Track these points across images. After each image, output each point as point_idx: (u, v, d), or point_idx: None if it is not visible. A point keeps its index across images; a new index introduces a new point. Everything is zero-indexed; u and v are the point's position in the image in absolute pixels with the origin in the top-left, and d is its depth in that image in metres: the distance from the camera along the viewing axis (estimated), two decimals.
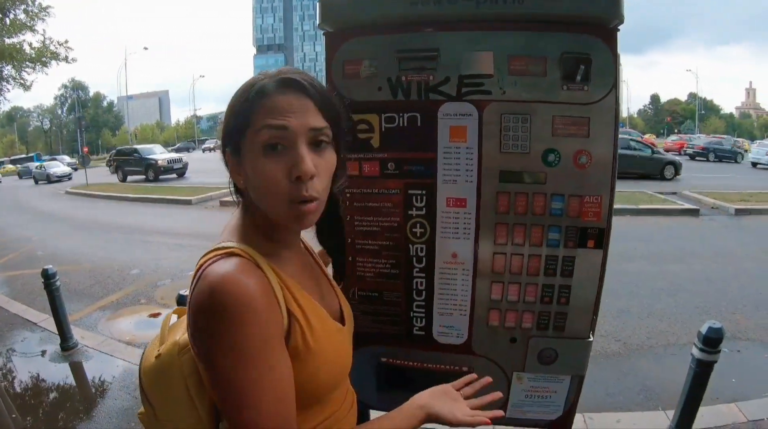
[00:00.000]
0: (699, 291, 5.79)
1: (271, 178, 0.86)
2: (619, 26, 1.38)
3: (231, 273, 0.82)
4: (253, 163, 0.88)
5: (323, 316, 0.97)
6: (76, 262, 7.62)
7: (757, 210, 11.02)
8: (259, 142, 0.86)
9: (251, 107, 0.88)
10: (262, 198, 0.90)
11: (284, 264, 0.95)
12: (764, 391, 3.52)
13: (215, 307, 0.79)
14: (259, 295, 0.82)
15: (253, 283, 0.82)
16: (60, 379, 3.97)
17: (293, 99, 0.88)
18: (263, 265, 0.88)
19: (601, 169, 1.45)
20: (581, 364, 1.63)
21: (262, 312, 0.81)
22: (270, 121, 0.86)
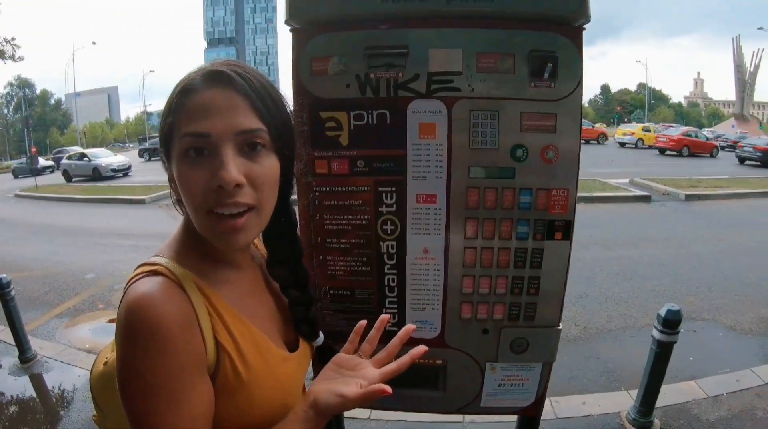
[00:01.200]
0: (653, 275, 6.02)
1: (191, 187, 0.78)
2: (585, 25, 1.42)
3: (148, 295, 0.74)
4: (177, 170, 0.79)
5: (263, 345, 0.87)
6: (29, 269, 7.32)
7: (706, 195, 11.54)
8: (182, 149, 0.78)
9: (176, 109, 0.79)
10: (188, 209, 0.82)
11: (222, 286, 0.86)
12: (720, 367, 3.70)
13: (127, 330, 0.73)
14: (174, 322, 0.73)
15: (170, 308, 0.74)
16: (21, 393, 3.79)
17: (219, 97, 0.78)
18: (189, 288, 0.79)
19: (567, 163, 1.49)
20: (551, 352, 1.68)
21: (175, 341, 0.73)
22: (190, 127, 0.77)
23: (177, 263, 0.82)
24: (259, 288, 0.98)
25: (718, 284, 5.64)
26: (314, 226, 1.56)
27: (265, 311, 0.96)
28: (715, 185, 12.81)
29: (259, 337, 0.87)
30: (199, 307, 0.78)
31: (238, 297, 0.88)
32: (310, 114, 1.48)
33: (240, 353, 0.81)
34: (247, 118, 0.79)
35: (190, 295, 0.78)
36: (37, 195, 16.70)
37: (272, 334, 0.92)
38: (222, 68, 0.81)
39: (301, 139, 1.50)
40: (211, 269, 0.86)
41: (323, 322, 1.66)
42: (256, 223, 0.82)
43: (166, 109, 0.81)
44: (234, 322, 0.83)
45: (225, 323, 0.81)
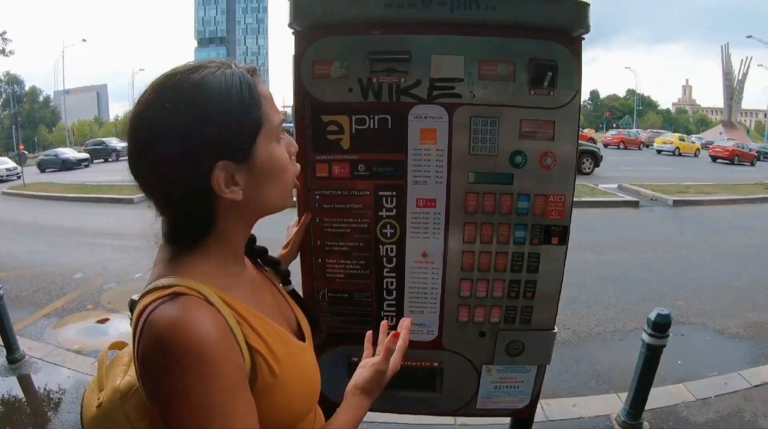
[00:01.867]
0: (642, 279, 6.07)
1: (285, 160, 0.87)
2: (584, 35, 1.45)
3: (180, 318, 0.71)
4: (271, 154, 0.83)
5: (285, 338, 0.89)
6: (17, 268, 7.22)
7: (694, 201, 11.67)
8: (276, 135, 0.85)
9: (258, 100, 0.81)
10: (272, 187, 0.85)
11: (236, 290, 0.85)
12: (709, 371, 3.74)
13: (171, 360, 0.70)
14: (216, 340, 0.72)
15: (207, 325, 0.72)
16: (9, 394, 3.73)
17: (265, 88, 0.85)
18: (214, 299, 0.77)
19: (565, 170, 1.52)
20: (546, 354, 1.71)
21: (222, 360, 0.72)
22: (279, 115, 0.85)
23: (191, 279, 0.79)
24: (260, 282, 1.00)
25: (706, 288, 5.71)
26: (314, 229, 1.57)
27: (272, 304, 0.97)
28: (703, 191, 12.96)
29: (280, 332, 0.88)
30: (229, 318, 0.77)
31: (251, 296, 0.89)
32: (312, 117, 1.49)
33: (272, 352, 0.82)
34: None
35: (218, 307, 0.77)
36: (26, 193, 16.51)
37: (284, 326, 0.93)
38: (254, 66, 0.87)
39: (302, 141, 1.51)
40: (222, 275, 0.85)
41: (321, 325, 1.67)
42: None
43: (250, 105, 0.80)
44: (258, 322, 0.83)
45: (252, 326, 0.81)
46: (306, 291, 1.64)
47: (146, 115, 0.77)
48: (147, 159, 0.79)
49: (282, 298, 1.06)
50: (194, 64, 0.81)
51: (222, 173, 0.78)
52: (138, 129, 0.79)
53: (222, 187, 0.79)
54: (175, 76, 0.79)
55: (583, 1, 1.44)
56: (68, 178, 20.38)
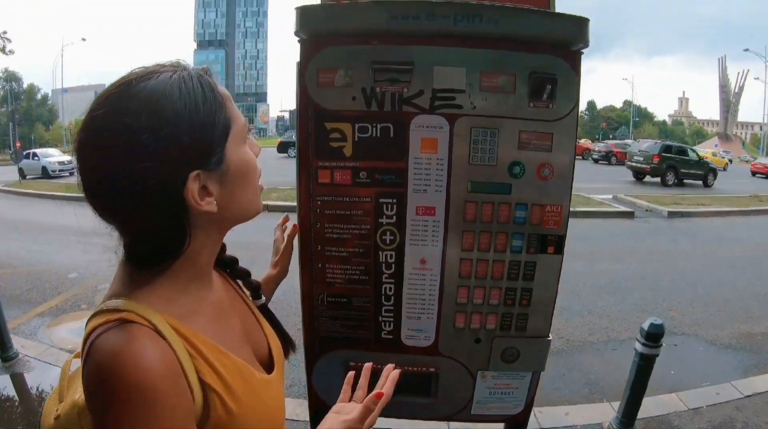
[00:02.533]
0: (636, 289, 6.12)
1: (254, 161, 0.82)
2: (583, 50, 1.49)
3: (122, 350, 0.65)
4: (240, 158, 0.79)
5: (247, 373, 0.81)
6: (11, 266, 7.20)
7: (689, 212, 11.75)
8: (243, 136, 0.80)
9: (220, 106, 0.76)
10: (247, 193, 0.82)
11: (195, 318, 0.79)
12: (701, 381, 3.78)
13: (108, 394, 0.65)
14: (161, 378, 0.66)
15: (152, 361, 0.66)
16: (1, 393, 3.73)
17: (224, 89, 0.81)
18: (166, 332, 0.70)
19: (562, 180, 1.55)
20: (541, 361, 1.74)
21: (164, 400, 0.66)
22: (240, 115, 0.80)
23: (143, 304, 0.72)
24: (226, 308, 0.90)
25: (699, 299, 5.75)
26: (315, 234, 1.59)
27: (237, 334, 0.88)
28: (698, 203, 13.05)
29: (242, 366, 0.80)
30: (180, 352, 0.70)
31: (212, 325, 0.82)
32: (315, 124, 1.52)
33: (228, 389, 0.75)
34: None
35: (170, 340, 0.70)
36: (21, 191, 16.47)
37: (249, 357, 0.86)
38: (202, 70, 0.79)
39: (305, 148, 1.54)
40: (185, 302, 0.79)
41: (319, 329, 1.70)
42: None
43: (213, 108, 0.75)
44: (215, 356, 0.76)
45: (208, 361, 0.74)
46: (305, 295, 1.66)
47: (102, 133, 0.69)
48: (106, 180, 0.71)
49: (252, 318, 0.99)
50: (146, 69, 0.74)
51: (195, 185, 0.72)
52: (93, 148, 0.71)
53: (197, 200, 0.73)
54: (129, 84, 0.71)
55: (582, 17, 1.48)
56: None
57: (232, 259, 1.04)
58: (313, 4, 1.55)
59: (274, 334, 1.01)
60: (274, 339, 1.00)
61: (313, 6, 1.54)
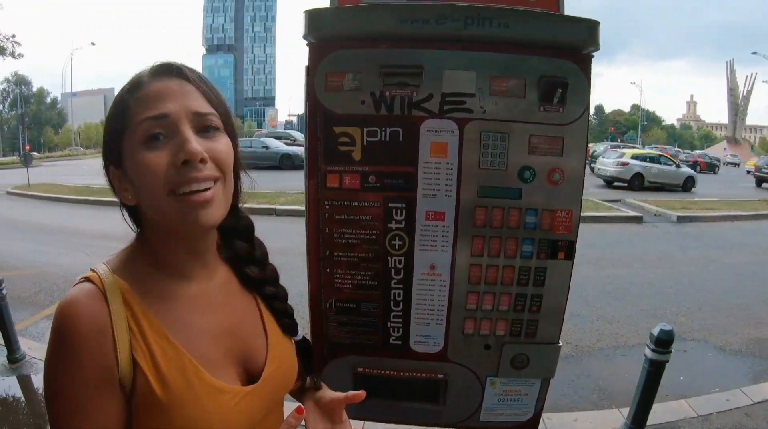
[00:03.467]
0: (644, 294, 6.07)
1: (153, 168, 0.76)
2: (593, 53, 1.47)
3: (67, 302, 0.75)
4: (135, 159, 0.78)
5: (191, 370, 0.79)
6: (18, 268, 7.24)
7: (698, 217, 11.67)
8: (139, 137, 0.77)
9: (127, 104, 0.79)
10: (147, 198, 0.80)
11: (161, 302, 0.82)
12: (710, 387, 3.74)
13: (50, 334, 0.75)
14: (83, 332, 0.73)
15: (82, 318, 0.74)
16: (8, 394, 3.74)
17: (172, 84, 0.80)
18: (113, 298, 0.77)
19: (572, 185, 1.53)
20: (551, 368, 1.72)
21: (80, 350, 0.73)
22: (147, 113, 0.77)
23: (114, 273, 0.81)
24: (213, 305, 0.89)
25: (709, 304, 5.70)
26: (323, 239, 1.58)
27: (213, 333, 0.87)
28: (707, 207, 12.96)
29: (187, 362, 0.80)
30: (117, 320, 0.76)
31: (180, 315, 0.83)
32: (324, 128, 1.51)
33: (158, 373, 0.77)
34: (199, 102, 0.81)
35: (111, 305, 0.76)
36: (29, 193, 16.55)
37: (216, 360, 0.85)
38: (171, 62, 0.84)
39: (314, 152, 1.53)
40: (155, 282, 0.83)
41: (327, 335, 1.69)
42: (222, 195, 0.82)
43: (114, 109, 0.82)
44: (158, 340, 0.78)
45: (146, 340, 0.78)
46: (313, 300, 1.65)
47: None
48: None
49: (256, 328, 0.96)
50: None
51: (114, 176, 0.84)
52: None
53: (116, 189, 0.84)
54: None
55: (593, 20, 1.47)
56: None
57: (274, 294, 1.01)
58: (321, 7, 1.55)
59: (279, 357, 0.95)
60: (276, 360, 0.94)
61: (321, 9, 1.53)
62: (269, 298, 1.01)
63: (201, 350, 0.82)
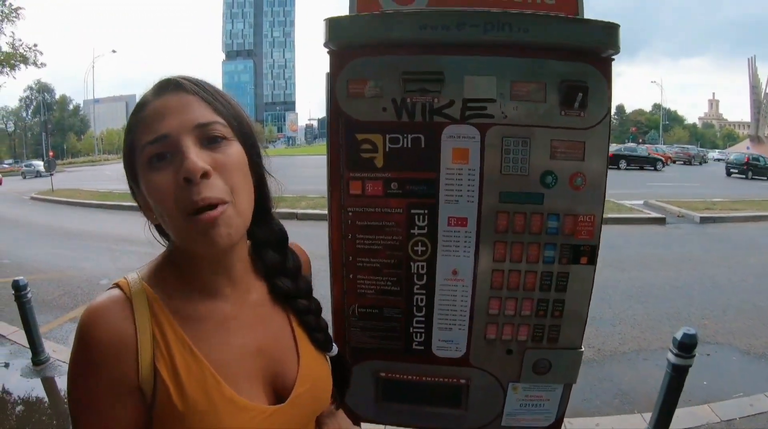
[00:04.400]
0: (667, 297, 5.99)
1: (161, 191, 0.75)
2: (614, 56, 1.46)
3: (92, 309, 0.76)
4: (145, 182, 0.78)
5: (212, 385, 0.78)
6: (43, 271, 7.41)
7: (722, 218, 11.48)
8: (144, 160, 0.77)
9: (133, 127, 0.80)
10: (163, 220, 0.79)
11: (188, 317, 0.82)
12: (734, 392, 3.68)
13: (74, 340, 0.76)
14: (104, 342, 0.74)
15: (106, 326, 0.75)
16: (33, 395, 3.84)
17: (171, 100, 0.79)
18: (139, 307, 0.78)
19: (594, 190, 1.52)
20: (573, 373, 1.70)
21: (99, 359, 0.74)
22: (148, 136, 0.76)
23: (144, 281, 0.82)
24: (243, 327, 0.87)
25: (733, 307, 5.61)
26: (346, 245, 1.59)
27: (241, 353, 0.85)
28: (730, 208, 12.74)
29: (209, 376, 0.79)
30: (142, 329, 0.76)
31: (207, 331, 0.83)
32: (346, 135, 1.52)
33: (179, 384, 0.76)
34: (201, 112, 0.79)
35: (136, 315, 0.77)
36: (53, 198, 16.92)
37: (242, 378, 0.84)
38: (171, 77, 0.82)
39: (336, 159, 1.54)
40: (184, 298, 0.83)
41: (350, 340, 1.70)
42: (233, 215, 0.77)
43: (125, 133, 0.82)
44: (182, 352, 0.78)
45: (170, 351, 0.77)
46: (336, 306, 1.66)
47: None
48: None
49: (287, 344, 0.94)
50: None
51: (138, 196, 0.84)
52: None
53: (142, 208, 0.85)
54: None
55: (613, 23, 1.46)
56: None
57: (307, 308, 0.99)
58: (342, 15, 1.56)
59: (309, 379, 0.93)
60: (305, 381, 0.92)
61: (342, 17, 1.54)
62: (301, 313, 0.98)
63: (227, 366, 0.82)
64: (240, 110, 0.86)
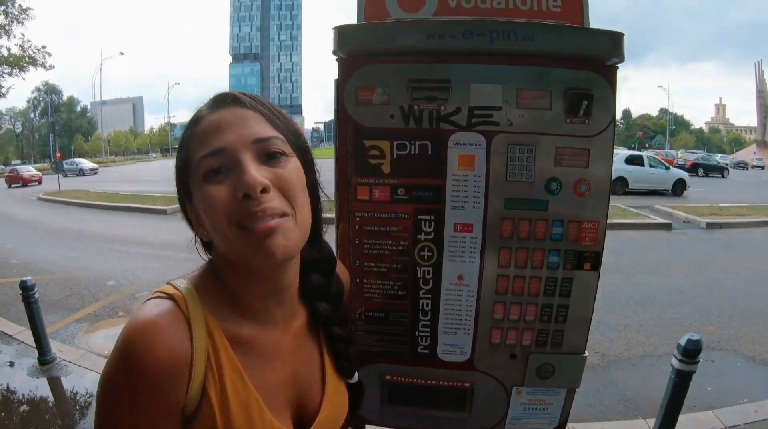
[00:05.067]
0: (672, 302, 5.98)
1: (216, 202, 0.72)
2: (618, 64, 1.49)
3: (148, 323, 0.70)
4: (199, 196, 0.75)
5: (256, 411, 0.77)
6: (50, 272, 7.44)
7: (728, 223, 11.43)
8: (200, 174, 0.74)
9: (189, 140, 0.77)
10: (215, 235, 0.76)
11: (237, 340, 0.79)
12: (738, 398, 3.68)
13: (117, 350, 0.70)
14: (160, 367, 0.69)
15: (163, 348, 0.69)
16: (39, 395, 3.85)
17: (227, 114, 0.76)
18: (196, 324, 0.74)
19: (598, 197, 1.54)
20: (576, 378, 1.72)
21: (152, 386, 0.69)
22: (205, 149, 0.74)
23: (198, 293, 0.77)
24: (284, 354, 0.86)
25: (738, 314, 5.59)
26: (353, 249, 1.61)
27: (278, 380, 0.84)
28: (737, 213, 12.69)
29: (255, 403, 0.77)
30: (198, 348, 0.73)
31: (252, 356, 0.80)
32: (354, 141, 1.55)
33: (225, 408, 0.74)
34: (260, 127, 0.76)
35: (194, 333, 0.73)
36: (60, 199, 16.98)
37: (278, 405, 0.83)
38: (227, 92, 0.80)
39: (344, 165, 1.57)
40: (234, 318, 0.80)
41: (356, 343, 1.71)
42: (293, 227, 0.75)
43: (179, 147, 0.80)
44: (233, 377, 0.76)
45: (221, 373, 0.75)
46: None
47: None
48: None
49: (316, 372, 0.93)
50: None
51: (191, 213, 0.81)
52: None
53: (194, 225, 0.82)
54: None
55: (617, 32, 1.48)
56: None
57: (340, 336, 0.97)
58: (350, 24, 1.58)
59: (334, 406, 0.93)
60: (329, 408, 0.92)
61: (350, 26, 1.57)
62: (334, 339, 0.96)
63: (268, 393, 0.80)
64: (297, 126, 0.84)
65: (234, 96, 0.79)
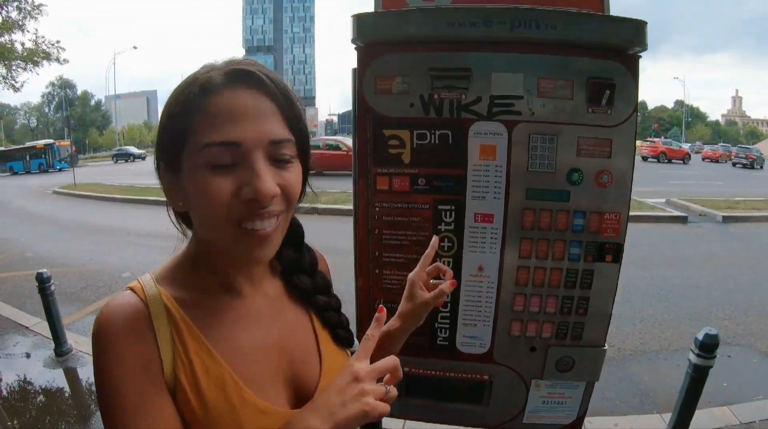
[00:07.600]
0: (688, 297, 5.90)
1: (216, 195, 0.68)
2: (640, 53, 1.46)
3: (104, 308, 0.71)
4: (196, 179, 0.70)
5: (232, 388, 0.74)
6: (66, 265, 7.49)
7: (744, 217, 11.25)
8: (204, 160, 0.69)
9: (193, 109, 0.70)
10: (204, 222, 0.74)
11: (207, 315, 0.77)
12: (754, 394, 3.62)
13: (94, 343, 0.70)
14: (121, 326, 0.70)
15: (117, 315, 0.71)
16: (55, 386, 3.87)
17: (247, 99, 0.70)
18: (156, 314, 0.73)
19: (620, 188, 1.52)
20: (596, 371, 1.71)
21: (119, 348, 0.69)
22: (216, 136, 0.68)
23: (160, 283, 0.76)
24: (260, 319, 0.83)
25: (754, 309, 5.51)
26: (372, 240, 1.60)
27: (257, 345, 0.81)
28: (754, 207, 12.51)
29: (229, 378, 0.74)
30: (162, 337, 0.72)
31: (227, 330, 0.78)
32: (373, 131, 1.54)
33: (198, 390, 0.72)
34: (278, 126, 0.72)
35: (155, 321, 0.72)
36: (75, 193, 17.08)
37: (263, 380, 0.79)
38: (249, 68, 0.72)
39: (363, 155, 1.56)
40: (202, 294, 0.78)
41: None
42: (281, 230, 0.75)
43: (176, 112, 0.72)
44: (200, 354, 0.74)
45: (188, 355, 0.73)
46: (361, 300, 1.68)
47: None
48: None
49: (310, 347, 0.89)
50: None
51: (165, 177, 0.76)
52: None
53: (165, 190, 0.77)
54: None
55: (640, 20, 1.45)
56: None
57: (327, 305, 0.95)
58: (369, 12, 1.57)
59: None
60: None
61: (369, 14, 1.56)
62: (322, 309, 0.93)
63: (247, 368, 0.77)
64: (305, 124, 0.79)
65: (259, 78, 0.72)
